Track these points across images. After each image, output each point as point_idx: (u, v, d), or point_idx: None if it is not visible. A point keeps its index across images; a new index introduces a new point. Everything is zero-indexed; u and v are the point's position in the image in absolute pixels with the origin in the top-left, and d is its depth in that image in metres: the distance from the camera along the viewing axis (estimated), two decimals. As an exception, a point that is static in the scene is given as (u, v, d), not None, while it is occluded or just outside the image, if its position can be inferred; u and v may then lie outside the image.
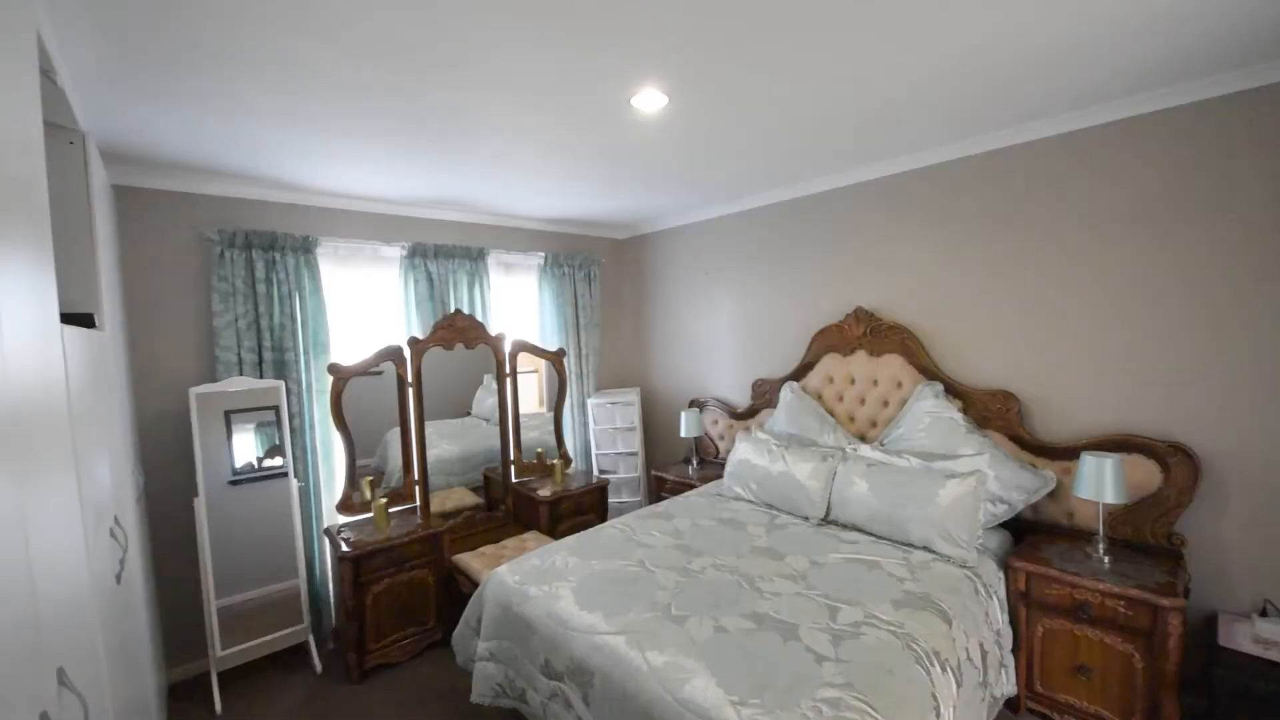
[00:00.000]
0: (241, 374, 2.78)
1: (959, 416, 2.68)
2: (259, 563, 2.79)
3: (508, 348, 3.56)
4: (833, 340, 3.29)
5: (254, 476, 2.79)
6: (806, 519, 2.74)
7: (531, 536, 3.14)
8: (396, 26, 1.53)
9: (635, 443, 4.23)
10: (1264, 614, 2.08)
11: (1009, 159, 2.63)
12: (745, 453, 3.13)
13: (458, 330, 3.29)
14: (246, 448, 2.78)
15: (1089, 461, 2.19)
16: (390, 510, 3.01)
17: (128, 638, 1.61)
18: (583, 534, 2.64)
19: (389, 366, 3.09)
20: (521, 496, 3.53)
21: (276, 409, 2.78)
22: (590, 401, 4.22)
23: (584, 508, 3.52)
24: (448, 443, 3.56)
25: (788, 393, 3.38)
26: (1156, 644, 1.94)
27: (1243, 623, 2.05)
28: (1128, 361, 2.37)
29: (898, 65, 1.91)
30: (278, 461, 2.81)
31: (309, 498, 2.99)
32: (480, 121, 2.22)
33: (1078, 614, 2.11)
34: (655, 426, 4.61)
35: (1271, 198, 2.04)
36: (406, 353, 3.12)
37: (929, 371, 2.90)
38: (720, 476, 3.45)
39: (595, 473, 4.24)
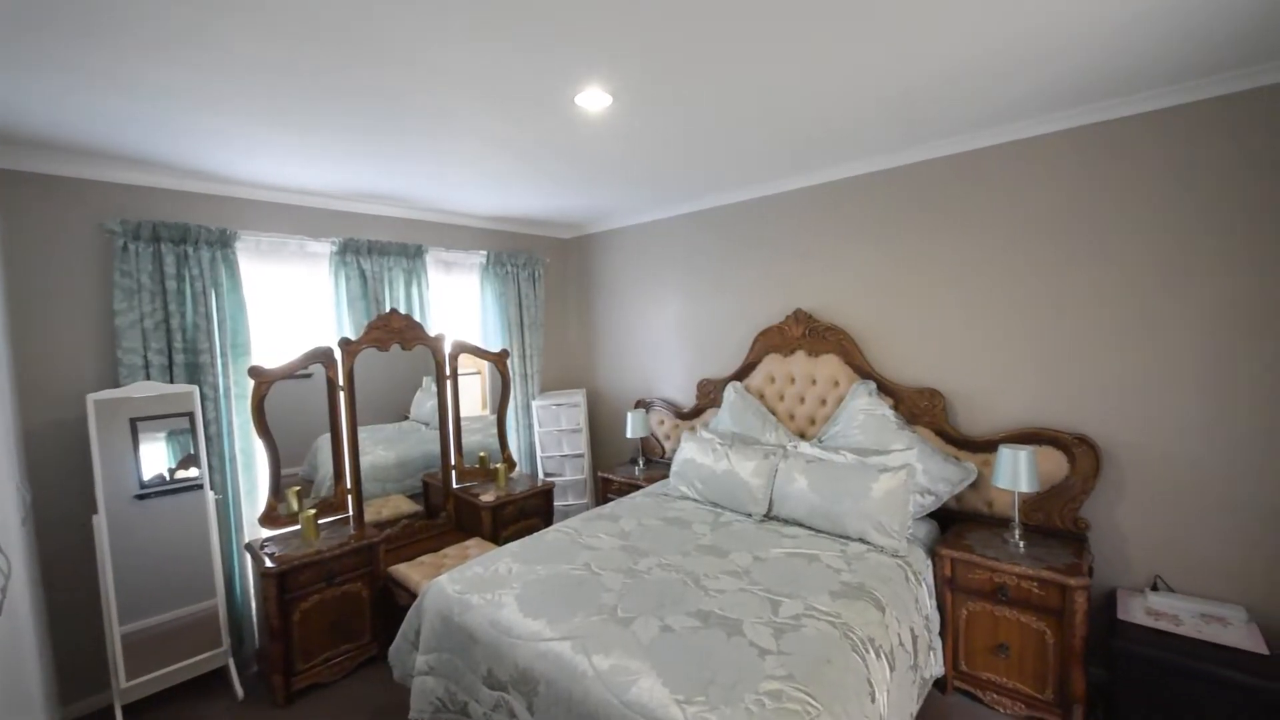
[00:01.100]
0: (149, 378, 2.55)
1: (891, 413, 2.82)
2: (172, 583, 2.57)
3: (448, 349, 3.45)
4: (774, 341, 3.37)
5: (165, 489, 2.56)
6: (750, 516, 2.80)
7: (474, 543, 3.05)
8: (319, 4, 1.44)
9: (581, 444, 4.19)
10: (1155, 588, 2.29)
11: (939, 170, 2.79)
12: (690, 452, 3.16)
13: (393, 331, 3.16)
14: (156, 458, 2.55)
15: (1005, 454, 2.35)
16: (320, 521, 2.84)
17: (13, 675, 1.44)
18: (527, 539, 2.59)
19: (318, 369, 2.93)
20: (463, 502, 3.42)
21: (190, 416, 2.57)
22: (535, 403, 4.15)
23: (529, 512, 3.45)
24: (384, 448, 3.41)
25: (731, 392, 3.44)
26: (1065, 620, 2.11)
27: (1137, 597, 2.25)
28: (1040, 361, 2.56)
29: (839, 78, 1.98)
30: (192, 473, 2.60)
31: (228, 511, 2.78)
32: (416, 114, 2.14)
33: (997, 596, 2.25)
34: (601, 428, 4.59)
35: (1169, 216, 2.26)
36: (337, 354, 2.96)
37: (864, 371, 3.03)
38: (666, 476, 3.47)
39: (540, 476, 4.17)
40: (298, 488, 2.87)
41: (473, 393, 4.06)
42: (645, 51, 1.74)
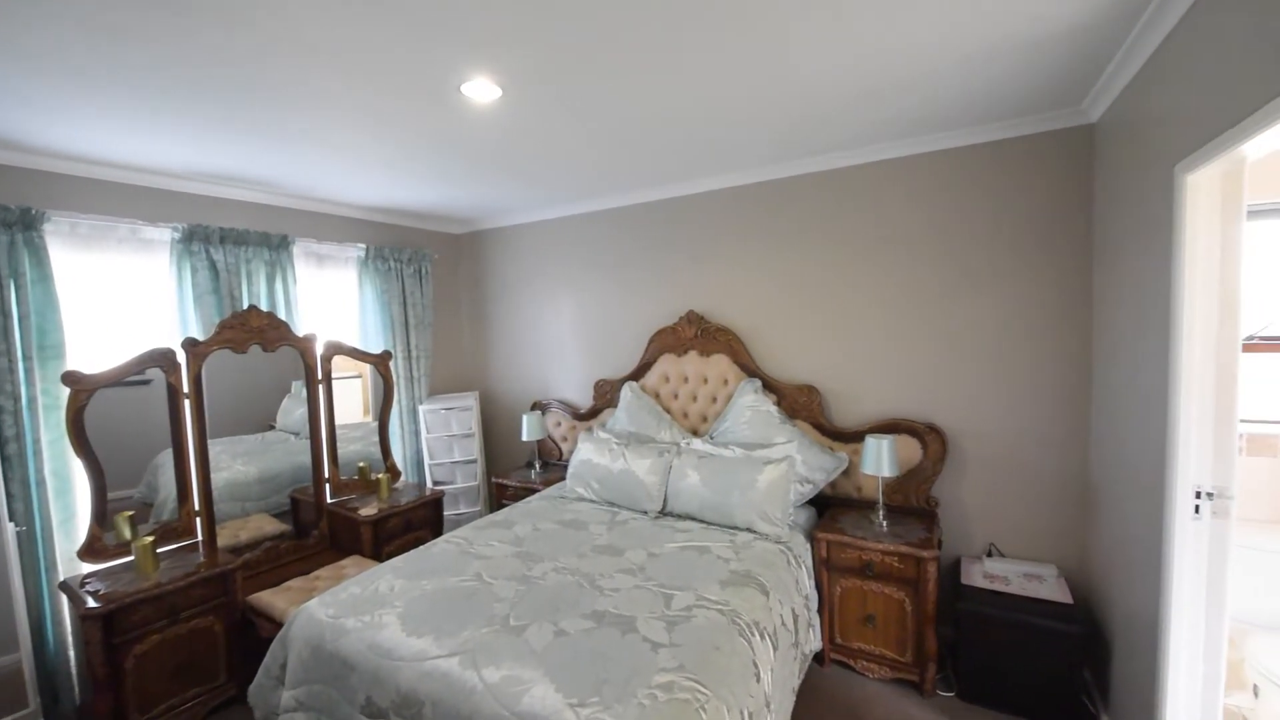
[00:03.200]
0: (-85, 389, 2.07)
1: (774, 409, 3.00)
2: (-48, 639, 2.10)
3: (320, 350, 3.15)
4: (668, 341, 3.46)
5: (-60, 525, 2.09)
6: (646, 513, 2.84)
7: (352, 562, 2.81)
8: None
9: (474, 449, 4.02)
10: (990, 555, 2.64)
11: (811, 184, 3.01)
12: (587, 453, 3.15)
13: (252, 330, 2.82)
14: (-74, 487, 2.08)
15: (871, 443, 2.59)
16: (161, 550, 2.47)
17: None
18: (411, 553, 2.43)
19: (158, 375, 2.54)
20: (339, 518, 3.14)
21: (-23, 433, 2.12)
22: (422, 408, 3.92)
23: (416, 524, 3.25)
24: (244, 463, 3.04)
25: (628, 392, 3.48)
26: (920, 589, 2.36)
27: (976, 563, 2.58)
28: (897, 358, 2.86)
29: (725, 91, 2.07)
30: (-19, 502, 2.14)
31: (35, 545, 2.32)
32: (282, 90, 1.92)
33: (865, 572, 2.48)
34: (496, 431, 4.44)
35: (1006, 232, 2.61)
36: (181, 357, 2.59)
37: (750, 370, 3.20)
38: (564, 479, 3.43)
39: (429, 484, 3.94)
40: (131, 512, 2.47)
41: (353, 398, 3.75)
42: (535, 47, 1.70)
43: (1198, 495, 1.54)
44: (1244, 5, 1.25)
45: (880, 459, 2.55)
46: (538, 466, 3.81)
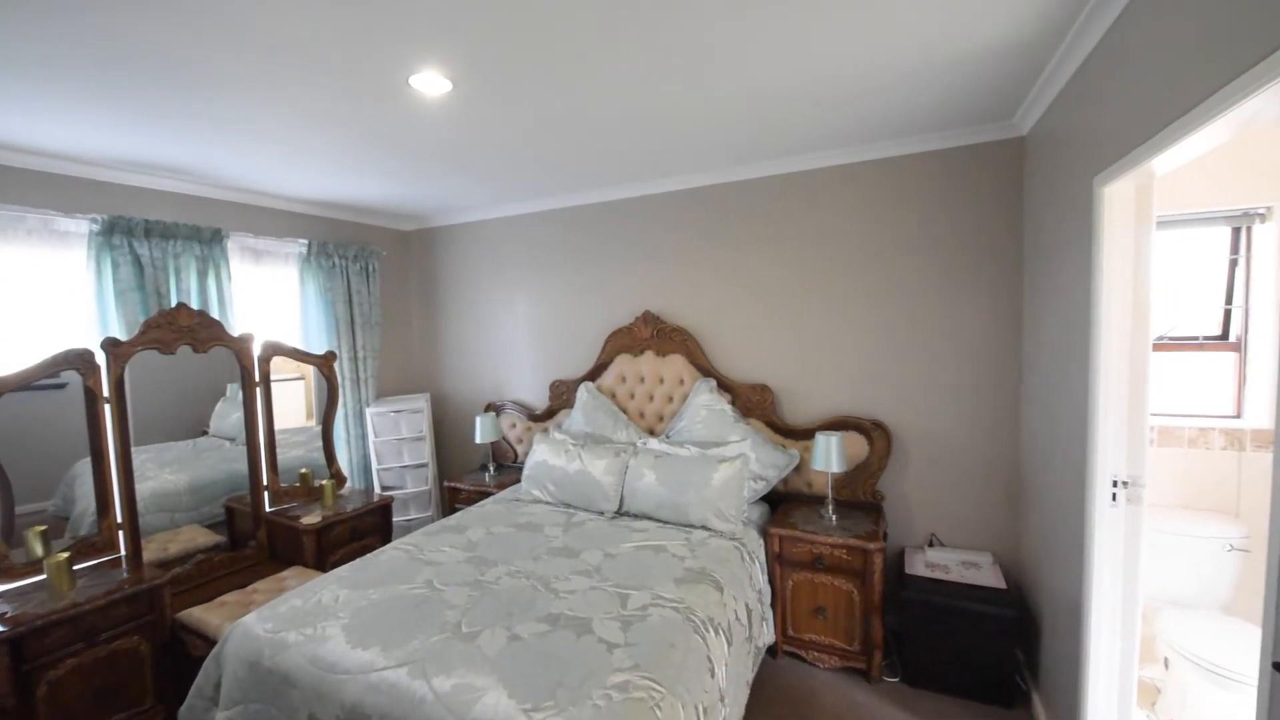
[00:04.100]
0: None
1: (728, 408, 3.05)
2: None
3: (257, 351, 2.99)
4: (624, 341, 3.46)
5: None
6: (602, 514, 2.84)
7: (293, 574, 2.68)
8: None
9: (425, 453, 3.91)
10: (931, 545, 2.77)
11: (765, 187, 3.08)
12: (543, 454, 3.12)
13: (181, 330, 2.65)
14: None
15: (821, 440, 2.67)
16: (78, 567, 2.29)
17: None
18: (358, 561, 2.34)
19: (74, 378, 2.35)
20: (280, 528, 2.99)
21: None
22: (370, 410, 3.78)
23: (363, 531, 3.13)
24: (173, 471, 2.86)
25: (584, 393, 3.46)
26: (866, 580, 2.45)
27: (919, 553, 2.70)
28: (846, 357, 2.95)
29: (680, 94, 2.09)
30: None
31: (-73, 566, 2.11)
32: (212, 76, 1.82)
33: (816, 565, 2.55)
34: (448, 434, 4.33)
35: (945, 238, 2.73)
36: (101, 359, 2.41)
37: (705, 369, 3.24)
38: (519, 481, 3.38)
39: (377, 490, 3.81)
40: (43, 527, 2.28)
41: (295, 401, 3.58)
42: (487, 40, 1.67)
43: (1114, 484, 1.66)
44: (1153, 31, 1.36)
45: (829, 455, 2.62)
46: (492, 469, 3.74)
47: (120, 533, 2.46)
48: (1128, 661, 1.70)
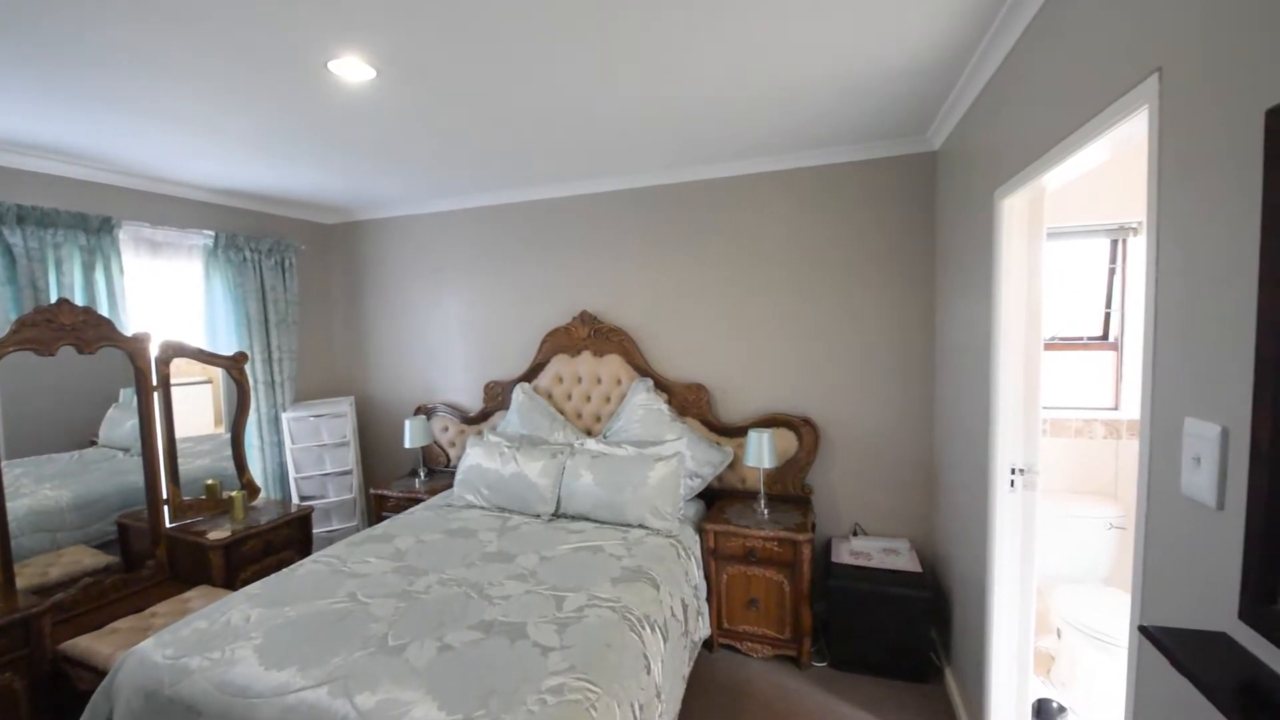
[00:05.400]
0: None
1: (665, 407, 3.08)
2: None
3: (155, 352, 2.73)
4: (561, 341, 3.43)
5: None
6: (539, 516, 2.79)
7: (198, 594, 2.47)
8: None
9: (349, 459, 3.71)
10: (855, 534, 2.92)
11: (698, 191, 3.14)
12: (476, 457, 3.04)
13: (63, 329, 2.38)
14: None
15: (753, 436, 2.75)
16: (-70, 598, 2.01)
17: None
18: (272, 577, 2.18)
19: (-77, 383, 2.06)
20: (183, 544, 2.75)
21: None
22: (286, 415, 3.54)
23: (279, 545, 2.92)
24: (53, 486, 2.57)
25: (520, 394, 3.40)
26: (796, 570, 2.55)
27: (844, 542, 2.84)
28: (778, 357, 3.06)
29: (610, 98, 2.09)
30: None
31: None
32: (103, 48, 1.64)
33: (748, 558, 2.63)
34: (375, 439, 4.13)
35: (867, 244, 2.87)
36: (-39, 362, 2.12)
37: (643, 369, 3.26)
38: (451, 486, 3.27)
39: (295, 500, 3.57)
40: (-117, 556, 1.98)
41: (202, 406, 3.30)
42: (411, 29, 1.61)
43: (1013, 472, 1.81)
44: (1044, 59, 1.49)
45: (761, 451, 2.71)
46: (422, 475, 3.60)
47: (-14, 558, 2.18)
48: (1025, 633, 1.85)
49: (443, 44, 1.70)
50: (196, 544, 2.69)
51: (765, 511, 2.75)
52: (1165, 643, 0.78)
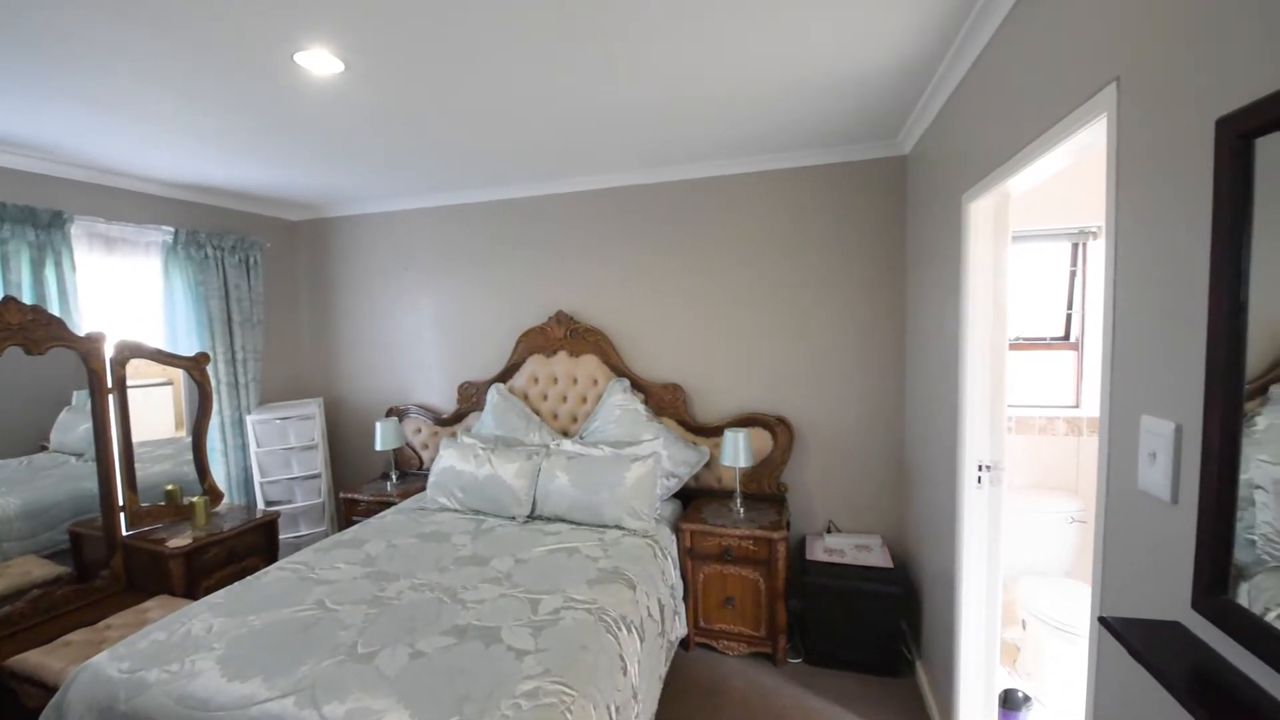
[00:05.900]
0: None
1: (642, 407, 3.08)
2: None
3: (110, 352, 2.62)
4: (537, 341, 3.40)
5: None
6: (514, 518, 2.76)
7: (157, 604, 2.37)
8: None
9: (317, 463, 3.62)
10: (829, 531, 2.96)
11: (673, 191, 3.14)
12: (450, 460, 2.99)
13: (10, 329, 2.27)
14: None
15: (729, 436, 2.77)
16: None
17: None
18: (235, 585, 2.12)
19: None
20: (140, 553, 2.64)
21: None
22: (251, 418, 3.43)
23: (242, 552, 2.83)
24: (0, 494, 2.44)
25: (494, 394, 3.36)
26: (771, 568, 2.58)
27: (818, 540, 2.87)
28: (754, 357, 3.08)
29: (584, 96, 2.08)
30: None
31: None
32: (54, 32, 1.56)
33: (724, 557, 2.64)
34: (344, 441, 4.04)
35: (839, 246, 2.91)
36: (-105, 363, 2.00)
37: (619, 370, 3.25)
38: (424, 489, 3.21)
39: (260, 505, 3.46)
40: None
41: (162, 409, 3.18)
42: (380, 21, 1.57)
43: (979, 468, 1.86)
44: (1008, 66, 1.54)
45: (737, 451, 2.73)
46: (394, 478, 3.53)
47: (-77, 570, 2.06)
48: (992, 625, 1.90)
49: (413, 39, 1.67)
50: (155, 552, 2.59)
51: (741, 510, 2.76)
52: (1123, 632, 0.81)
